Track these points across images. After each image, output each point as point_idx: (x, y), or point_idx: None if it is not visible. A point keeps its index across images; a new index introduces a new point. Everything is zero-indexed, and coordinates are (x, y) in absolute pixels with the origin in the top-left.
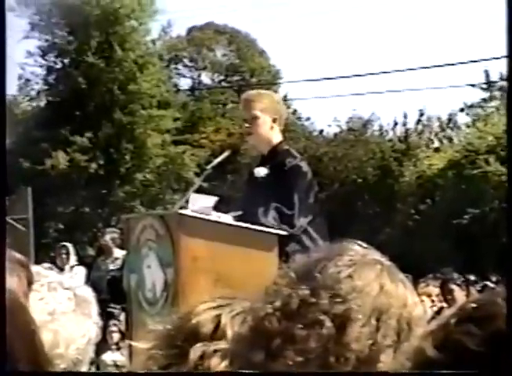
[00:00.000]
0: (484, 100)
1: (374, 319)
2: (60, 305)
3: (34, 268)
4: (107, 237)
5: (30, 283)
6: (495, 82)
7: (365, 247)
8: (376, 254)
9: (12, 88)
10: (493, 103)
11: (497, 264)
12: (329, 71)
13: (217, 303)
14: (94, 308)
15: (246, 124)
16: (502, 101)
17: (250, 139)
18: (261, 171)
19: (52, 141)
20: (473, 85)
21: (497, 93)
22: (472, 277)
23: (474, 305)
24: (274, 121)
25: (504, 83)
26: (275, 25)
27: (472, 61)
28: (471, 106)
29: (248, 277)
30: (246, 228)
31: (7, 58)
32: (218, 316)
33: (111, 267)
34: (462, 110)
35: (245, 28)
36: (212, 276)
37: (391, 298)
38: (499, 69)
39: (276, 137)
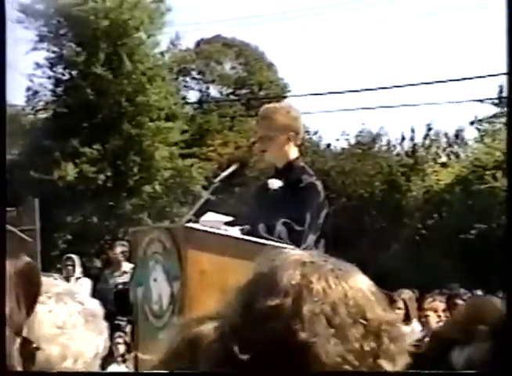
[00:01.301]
0: (494, 116)
1: (324, 327)
2: (70, 318)
3: (43, 278)
4: (118, 250)
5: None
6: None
7: (282, 249)
8: (295, 254)
9: (20, 99)
10: (502, 119)
11: (504, 279)
12: (338, 85)
13: (219, 314)
14: (103, 321)
15: (262, 141)
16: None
17: (265, 156)
18: (276, 184)
19: (60, 152)
20: (481, 101)
21: (507, 109)
22: (479, 292)
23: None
24: (289, 138)
25: None
26: (283, 38)
27: (490, 75)
28: (481, 121)
29: None
30: (253, 242)
31: (15, 69)
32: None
33: (119, 280)
34: (472, 123)
35: (253, 41)
36: (219, 289)
37: (326, 298)
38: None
39: (292, 153)
